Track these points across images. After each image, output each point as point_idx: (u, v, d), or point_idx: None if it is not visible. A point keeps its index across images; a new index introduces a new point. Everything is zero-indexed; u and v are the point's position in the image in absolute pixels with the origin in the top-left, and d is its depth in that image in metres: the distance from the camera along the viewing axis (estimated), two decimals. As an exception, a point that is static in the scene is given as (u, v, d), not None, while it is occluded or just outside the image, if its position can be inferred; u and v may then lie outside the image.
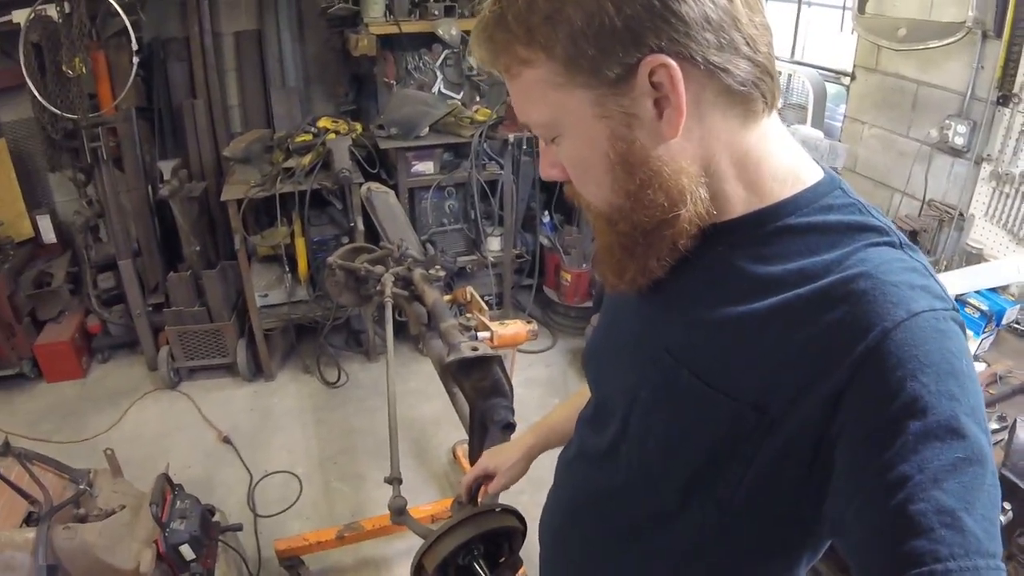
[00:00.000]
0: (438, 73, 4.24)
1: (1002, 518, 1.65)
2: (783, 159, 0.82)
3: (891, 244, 0.77)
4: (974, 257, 2.82)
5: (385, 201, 2.97)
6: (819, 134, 3.29)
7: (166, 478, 2.54)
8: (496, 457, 1.46)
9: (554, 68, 0.74)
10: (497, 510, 1.41)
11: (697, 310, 0.84)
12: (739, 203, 0.81)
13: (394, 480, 1.76)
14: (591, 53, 0.71)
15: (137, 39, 3.76)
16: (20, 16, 3.64)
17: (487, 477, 1.46)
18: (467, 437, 1.95)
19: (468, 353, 1.78)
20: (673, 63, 0.70)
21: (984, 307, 2.40)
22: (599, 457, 1.02)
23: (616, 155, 0.77)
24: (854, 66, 3.33)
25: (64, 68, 3.63)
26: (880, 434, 0.66)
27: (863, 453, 0.67)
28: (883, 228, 0.78)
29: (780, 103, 2.98)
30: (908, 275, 0.72)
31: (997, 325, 2.46)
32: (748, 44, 0.73)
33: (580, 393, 1.32)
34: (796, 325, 0.74)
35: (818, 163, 0.86)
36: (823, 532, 0.81)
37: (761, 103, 0.78)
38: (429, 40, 4.13)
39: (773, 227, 0.80)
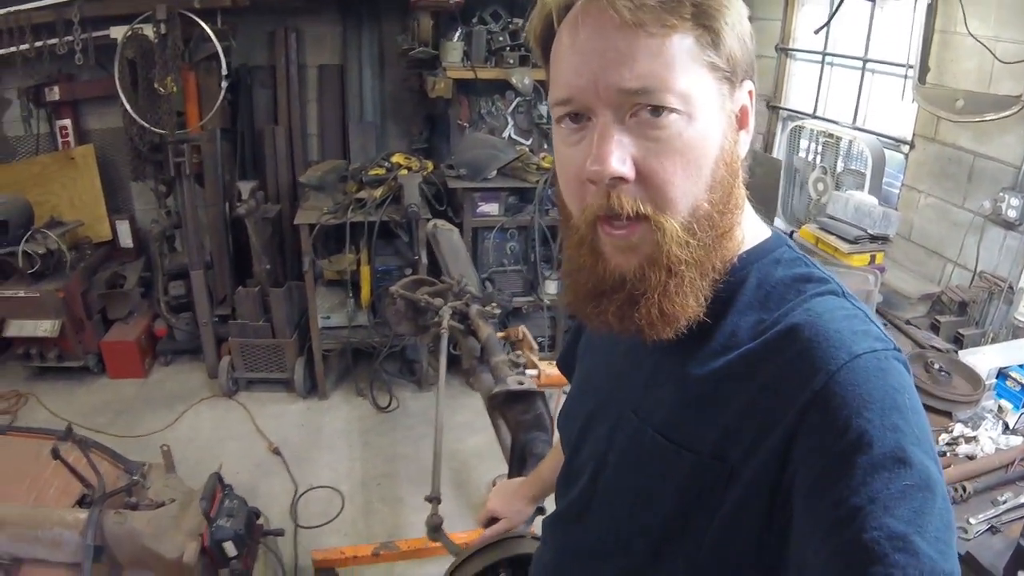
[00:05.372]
0: (509, 119, 4.44)
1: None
2: (751, 210, 0.88)
3: (833, 293, 0.81)
4: (1021, 331, 2.79)
5: (449, 238, 3.10)
6: (873, 200, 3.31)
7: (218, 477, 2.66)
8: (504, 504, 1.57)
9: (705, 48, 0.75)
10: (528, 537, 1.52)
11: (663, 370, 0.88)
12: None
13: (434, 499, 1.87)
14: (738, 53, 0.78)
15: (227, 64, 4.01)
16: (118, 32, 3.92)
17: (495, 518, 1.57)
18: (507, 472, 2.03)
19: (513, 386, 1.88)
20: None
21: (1025, 380, 2.39)
22: (572, 518, 1.04)
23: (723, 152, 0.79)
24: (913, 135, 3.36)
25: (156, 85, 3.88)
26: (830, 472, 0.67)
27: (816, 492, 0.68)
28: (826, 279, 0.82)
29: (839, 167, 3.04)
30: (849, 321, 0.76)
31: (1038, 399, 2.42)
32: None
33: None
34: (749, 377, 0.77)
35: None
36: None
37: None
38: (503, 87, 4.32)
39: (738, 277, 0.83)
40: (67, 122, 4.45)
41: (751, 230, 0.87)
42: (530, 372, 2.61)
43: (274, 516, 3.34)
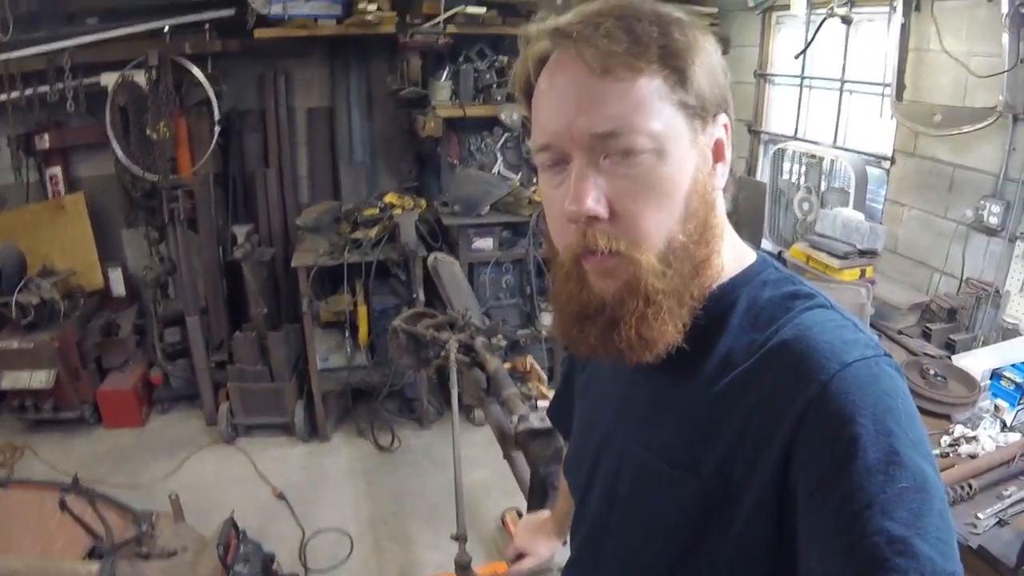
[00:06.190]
0: (498, 155, 4.51)
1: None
2: (735, 236, 0.91)
3: (822, 306, 0.82)
4: (1010, 332, 2.87)
5: (450, 271, 3.13)
6: (859, 216, 3.38)
7: (232, 523, 2.64)
8: (530, 540, 1.61)
9: (674, 87, 0.79)
10: (554, 571, 1.54)
11: (661, 398, 0.90)
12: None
13: (460, 537, 1.89)
14: (708, 90, 0.81)
15: (218, 109, 4.07)
16: (108, 80, 3.96)
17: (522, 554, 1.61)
18: (515, 504, 2.03)
19: (537, 424, 1.92)
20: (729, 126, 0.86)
21: (1019, 379, 2.44)
22: (587, 555, 1.05)
23: (697, 185, 0.81)
24: (893, 151, 3.45)
25: (148, 132, 3.91)
26: (828, 480, 0.69)
27: (816, 501, 0.69)
28: (813, 294, 0.85)
29: (823, 187, 3.10)
30: (839, 331, 0.78)
31: (1031, 397, 2.49)
32: None
33: None
34: (746, 395, 0.79)
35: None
36: None
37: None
38: (490, 123, 4.40)
39: (727, 301, 0.86)
40: (57, 170, 4.45)
41: (737, 256, 0.90)
42: (542, 404, 2.64)
43: (283, 561, 3.30)
